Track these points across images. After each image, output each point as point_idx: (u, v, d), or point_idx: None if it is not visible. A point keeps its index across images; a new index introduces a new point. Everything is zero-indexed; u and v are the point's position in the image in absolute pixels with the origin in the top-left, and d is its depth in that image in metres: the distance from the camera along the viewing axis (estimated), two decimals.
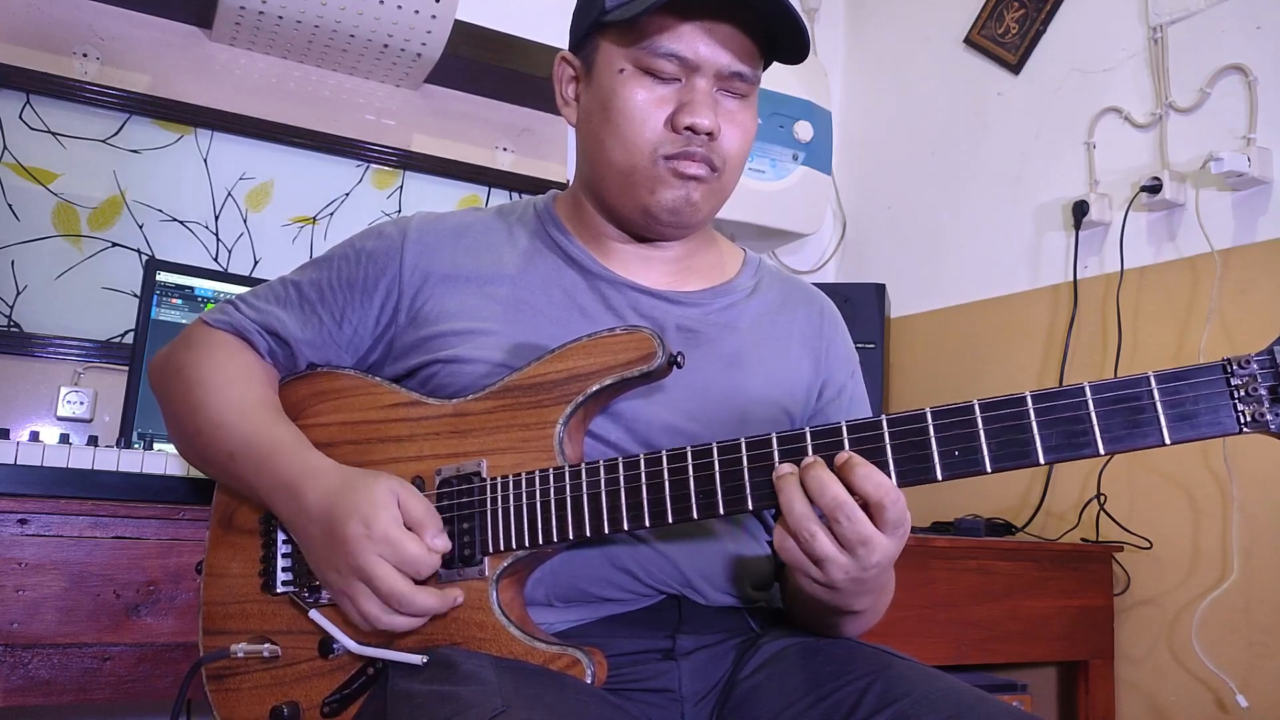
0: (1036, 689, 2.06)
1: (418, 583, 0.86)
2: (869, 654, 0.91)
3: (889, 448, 0.77)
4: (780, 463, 0.80)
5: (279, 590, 0.95)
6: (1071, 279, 2.13)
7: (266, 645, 0.95)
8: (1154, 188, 1.94)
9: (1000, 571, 1.82)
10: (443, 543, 0.87)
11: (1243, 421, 0.71)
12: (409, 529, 0.86)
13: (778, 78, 2.37)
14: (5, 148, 1.82)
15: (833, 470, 0.77)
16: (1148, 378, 0.72)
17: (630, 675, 0.91)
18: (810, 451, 0.79)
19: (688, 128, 0.95)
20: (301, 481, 0.90)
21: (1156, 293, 1.98)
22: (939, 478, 0.76)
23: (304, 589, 0.94)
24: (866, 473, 0.76)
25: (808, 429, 0.80)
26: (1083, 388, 0.73)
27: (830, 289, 1.28)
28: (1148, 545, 1.91)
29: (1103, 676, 1.93)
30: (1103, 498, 1.97)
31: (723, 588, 0.97)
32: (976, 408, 0.75)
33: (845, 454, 0.78)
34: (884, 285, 2.44)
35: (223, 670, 0.97)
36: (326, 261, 1.06)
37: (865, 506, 0.76)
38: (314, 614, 0.92)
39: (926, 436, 0.76)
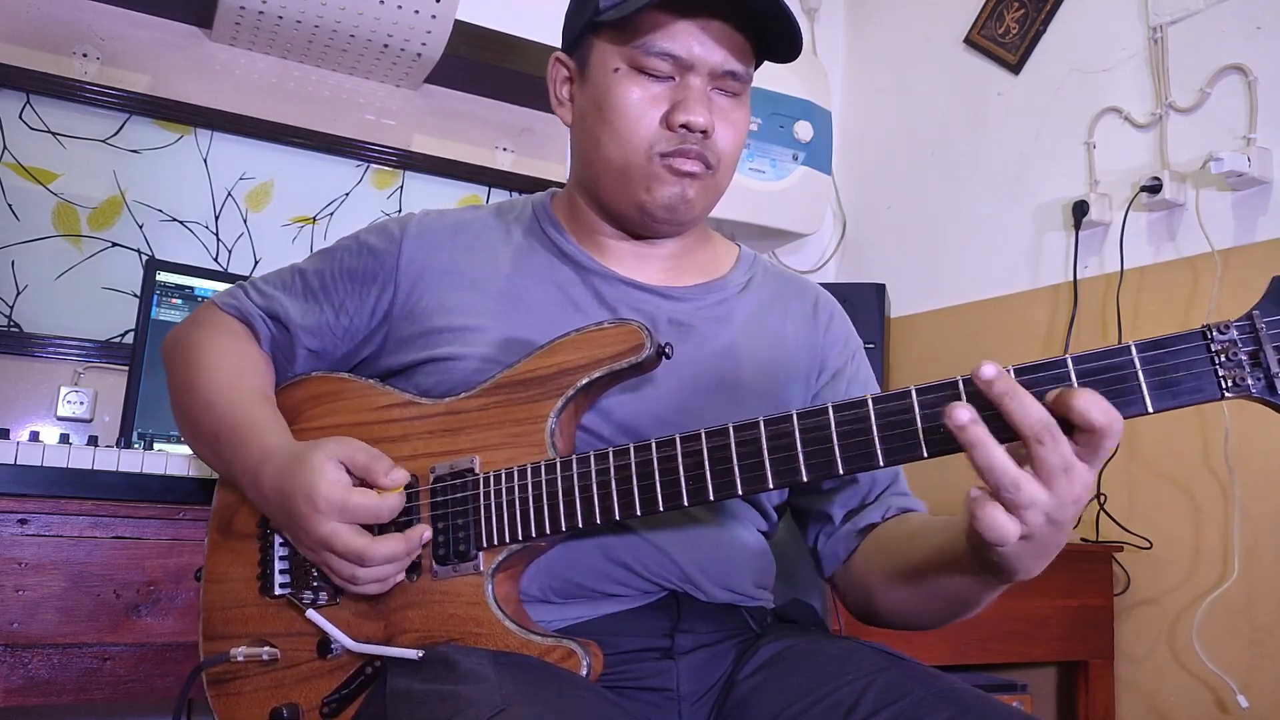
0: (1036, 689, 2.06)
1: (385, 531, 0.88)
2: (869, 654, 0.91)
3: (874, 426, 0.76)
4: (955, 410, 0.70)
5: (277, 592, 0.95)
6: (1071, 279, 2.13)
7: (265, 648, 0.95)
8: (1154, 188, 1.94)
9: None
10: (401, 475, 0.89)
11: (1224, 387, 0.70)
12: (362, 483, 0.88)
13: (778, 77, 2.37)
14: (5, 148, 1.83)
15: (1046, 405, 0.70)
16: (1129, 347, 0.72)
17: (628, 673, 0.91)
18: (798, 433, 0.79)
19: (683, 125, 0.96)
20: (258, 466, 0.92)
21: (1156, 293, 1.98)
22: (924, 455, 0.76)
23: (301, 590, 0.94)
24: (1094, 399, 0.68)
25: (794, 411, 0.80)
26: (1065, 360, 0.73)
27: (830, 289, 1.28)
28: (1148, 545, 1.91)
29: (1103, 676, 1.93)
30: (1103, 497, 1.97)
31: (721, 583, 0.97)
32: (960, 383, 0.75)
33: (1054, 391, 0.70)
34: (884, 285, 2.44)
35: (223, 674, 0.98)
36: (331, 252, 1.08)
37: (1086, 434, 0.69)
38: (311, 614, 0.92)
39: (911, 414, 0.76)
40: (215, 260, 1.99)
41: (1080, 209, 2.09)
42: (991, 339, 2.31)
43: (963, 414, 0.70)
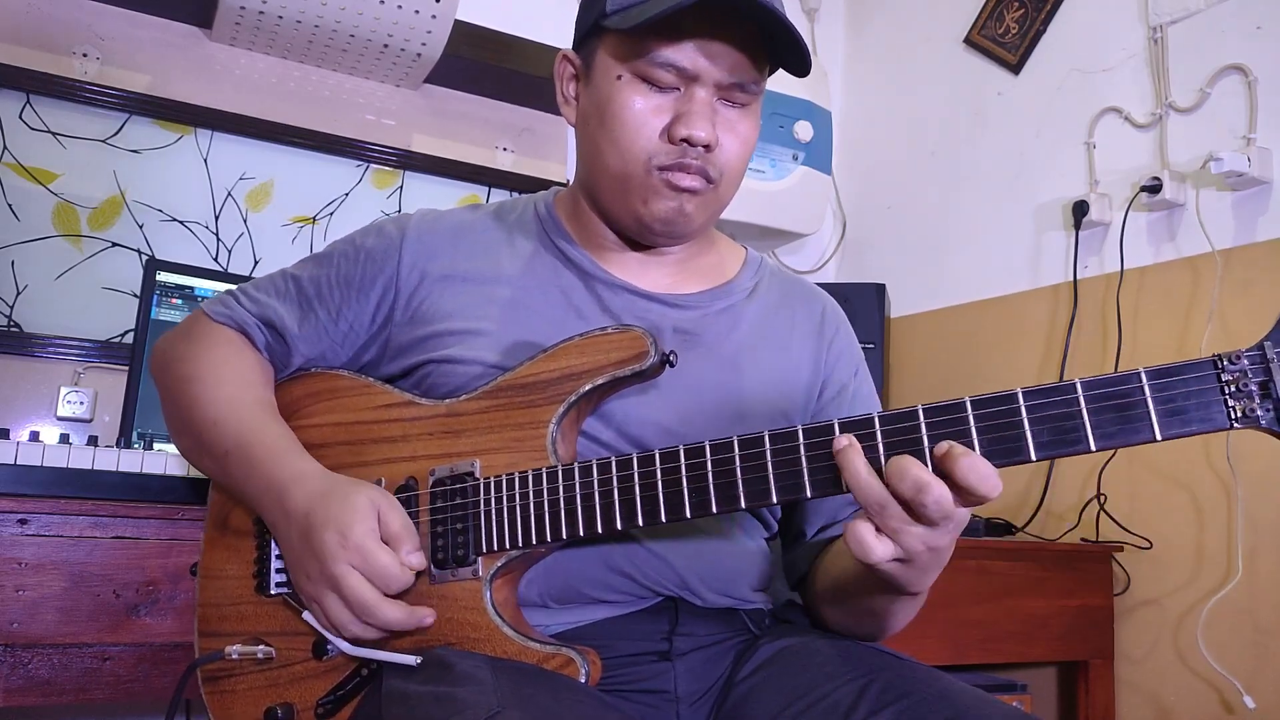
0: (1036, 689, 2.06)
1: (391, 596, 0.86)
2: (868, 654, 0.91)
3: (880, 445, 0.77)
4: (840, 441, 0.77)
5: (273, 592, 0.95)
6: (1071, 279, 2.13)
7: (261, 647, 0.94)
8: (1154, 188, 1.94)
9: (1000, 571, 1.82)
10: (417, 559, 0.87)
11: (1233, 417, 0.70)
12: (385, 543, 0.86)
13: (778, 77, 2.36)
14: (5, 148, 1.83)
15: (932, 460, 0.74)
16: (1139, 374, 0.72)
17: (626, 676, 0.91)
18: (803, 449, 0.79)
19: (684, 139, 0.93)
20: (288, 485, 0.90)
21: (1156, 293, 1.98)
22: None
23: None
24: (971, 464, 0.72)
25: (800, 426, 0.80)
26: (1074, 384, 0.73)
27: (830, 289, 1.28)
28: (1148, 545, 1.91)
29: (1103, 676, 1.93)
30: (1103, 498, 1.97)
31: (720, 589, 0.97)
32: (968, 405, 0.75)
33: (945, 445, 0.74)
34: (884, 285, 2.44)
35: (218, 672, 0.97)
36: (327, 257, 1.06)
37: (959, 493, 0.73)
38: (307, 615, 0.91)
39: (919, 434, 0.76)
40: (215, 260, 1.99)
41: (1080, 209, 2.09)
42: (991, 339, 2.31)
43: (841, 440, 0.76)
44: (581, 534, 0.85)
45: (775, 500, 0.80)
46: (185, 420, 1.01)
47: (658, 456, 0.84)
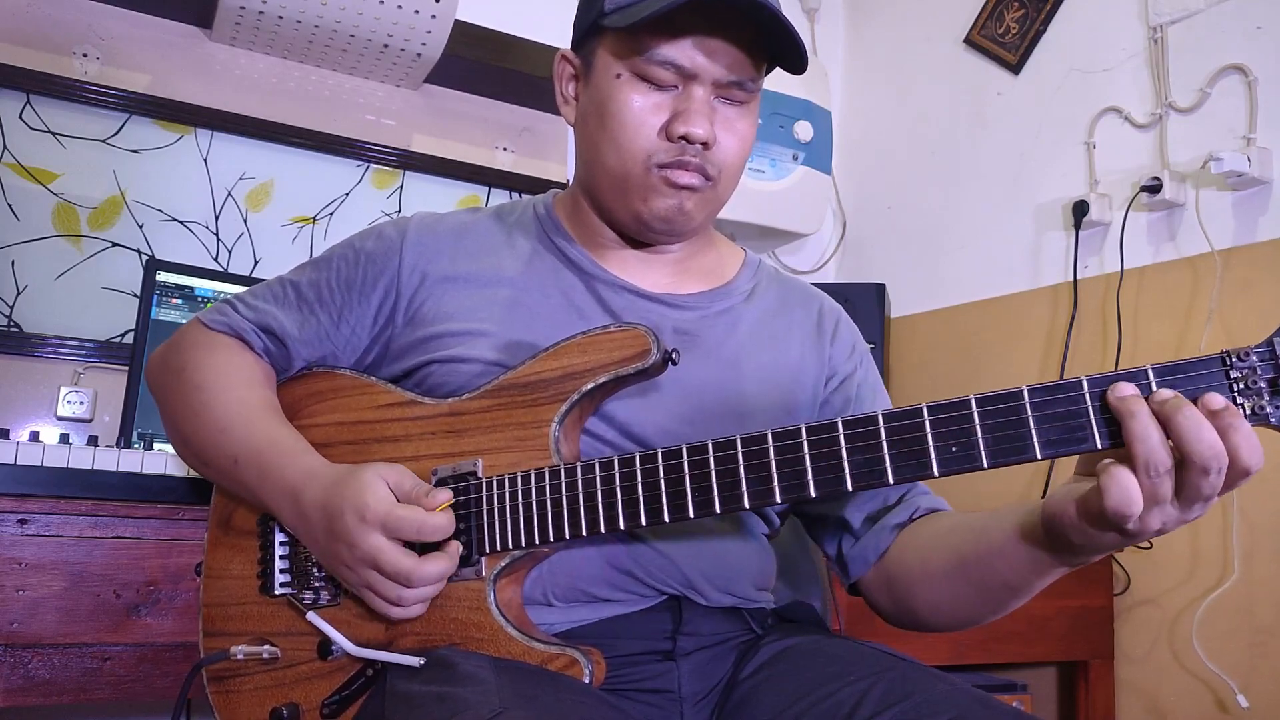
0: (1036, 689, 2.06)
1: (429, 548, 0.86)
2: (870, 655, 0.91)
3: (884, 444, 0.76)
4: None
5: (277, 592, 0.95)
6: (1071, 279, 2.13)
7: (266, 647, 0.95)
8: (1154, 188, 1.94)
9: None
10: (444, 495, 0.87)
11: (1243, 414, 0.69)
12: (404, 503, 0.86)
13: (778, 77, 2.36)
14: (5, 148, 1.82)
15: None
16: (1146, 370, 0.71)
17: (629, 676, 0.91)
18: (806, 448, 0.79)
19: (682, 137, 0.94)
20: (299, 488, 0.90)
21: (1156, 293, 1.98)
22: (935, 474, 0.75)
23: (302, 590, 0.94)
24: (1248, 433, 0.67)
25: (803, 425, 0.79)
26: (1079, 382, 0.72)
27: (830, 289, 1.28)
28: (1147, 545, 1.91)
29: (1103, 677, 1.94)
30: None
31: (724, 588, 0.97)
32: (973, 403, 0.74)
33: (1222, 401, 0.68)
34: (884, 285, 2.44)
35: (223, 672, 0.98)
36: (325, 262, 1.06)
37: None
38: (311, 616, 0.92)
39: (923, 433, 0.75)
40: (215, 260, 1.99)
41: (1080, 209, 2.09)
42: (991, 339, 2.31)
43: (1126, 388, 0.70)
44: (584, 533, 0.85)
45: (779, 500, 0.80)
46: (190, 429, 1.00)
47: (660, 455, 0.83)
